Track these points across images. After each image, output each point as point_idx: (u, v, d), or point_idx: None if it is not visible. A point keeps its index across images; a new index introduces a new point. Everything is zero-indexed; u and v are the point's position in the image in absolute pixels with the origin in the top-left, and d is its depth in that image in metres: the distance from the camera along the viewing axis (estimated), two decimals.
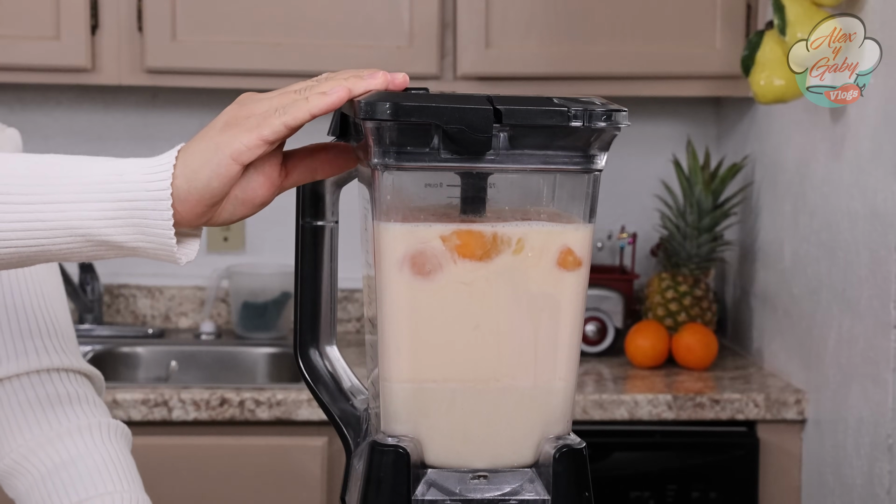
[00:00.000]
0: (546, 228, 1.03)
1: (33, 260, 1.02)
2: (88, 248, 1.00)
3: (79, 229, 0.99)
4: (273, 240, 3.03)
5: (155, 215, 0.97)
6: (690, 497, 2.49)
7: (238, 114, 0.98)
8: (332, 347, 1.17)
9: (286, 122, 0.97)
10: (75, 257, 1.01)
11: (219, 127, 0.98)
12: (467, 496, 1.04)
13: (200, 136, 0.99)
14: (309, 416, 2.41)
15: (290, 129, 0.97)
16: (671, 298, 2.78)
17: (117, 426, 1.37)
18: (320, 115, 0.98)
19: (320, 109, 0.97)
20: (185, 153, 0.98)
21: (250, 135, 0.96)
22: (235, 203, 1.00)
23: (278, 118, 0.97)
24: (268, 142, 0.97)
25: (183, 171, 0.97)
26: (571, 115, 0.99)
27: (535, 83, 2.67)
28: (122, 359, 2.84)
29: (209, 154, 0.97)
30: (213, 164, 0.97)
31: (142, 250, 1.00)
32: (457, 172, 1.01)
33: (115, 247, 1.00)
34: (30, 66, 2.66)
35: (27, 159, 1.01)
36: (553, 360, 1.05)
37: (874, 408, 2.19)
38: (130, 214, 0.98)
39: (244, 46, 2.65)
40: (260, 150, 0.97)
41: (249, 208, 1.01)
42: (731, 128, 3.00)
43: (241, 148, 0.97)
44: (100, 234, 0.99)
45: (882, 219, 2.16)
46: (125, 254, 1.01)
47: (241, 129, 0.97)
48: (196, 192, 0.97)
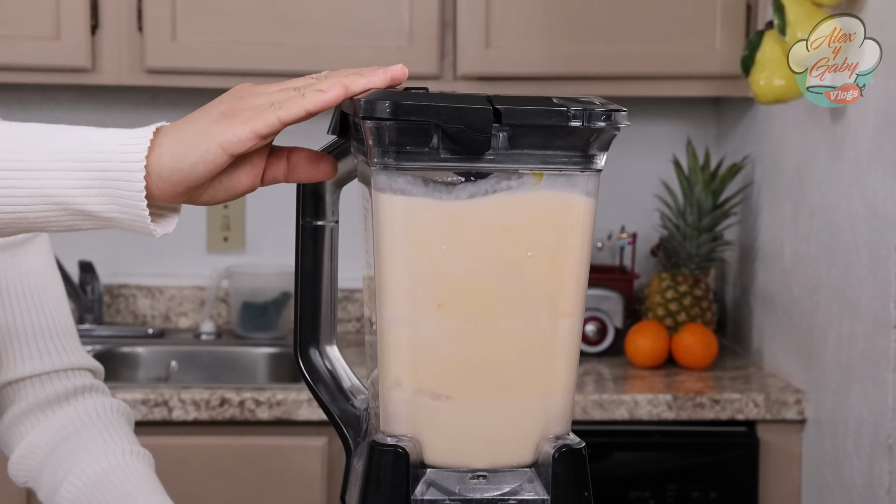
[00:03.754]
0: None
1: (12, 228, 1.03)
2: (66, 217, 1.01)
3: (55, 197, 1.00)
4: (273, 240, 3.03)
5: (128, 186, 0.98)
6: (690, 497, 2.49)
7: (234, 105, 0.99)
8: (333, 347, 1.17)
9: (281, 117, 0.97)
10: (53, 226, 1.02)
11: (214, 115, 0.99)
12: (467, 496, 1.04)
13: (193, 119, 1.00)
14: (309, 416, 2.41)
15: (283, 125, 0.98)
16: (671, 298, 2.78)
17: (119, 404, 1.47)
18: (317, 113, 0.98)
19: (316, 107, 0.98)
20: (172, 135, 0.99)
21: (244, 127, 0.97)
22: (218, 188, 1.01)
23: (273, 113, 0.97)
24: (260, 136, 0.98)
25: (171, 151, 0.98)
26: (571, 114, 0.99)
27: (535, 83, 2.67)
28: (122, 359, 2.84)
29: (200, 140, 0.98)
30: (202, 149, 0.98)
31: (117, 221, 1.01)
32: (456, 172, 1.01)
33: (92, 216, 1.01)
34: (30, 66, 2.66)
35: (6, 128, 1.02)
36: (552, 360, 1.05)
37: (874, 408, 2.20)
38: (105, 184, 0.99)
39: (244, 46, 2.65)
40: (251, 144, 0.98)
41: (231, 195, 1.02)
42: (731, 128, 3.00)
43: (233, 139, 0.97)
44: (76, 203, 1.00)
45: (882, 219, 2.16)
46: (102, 224, 1.02)
47: (236, 121, 0.98)
48: (181, 172, 0.98)
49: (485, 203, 1.02)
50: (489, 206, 1.02)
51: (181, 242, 3.03)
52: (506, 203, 1.02)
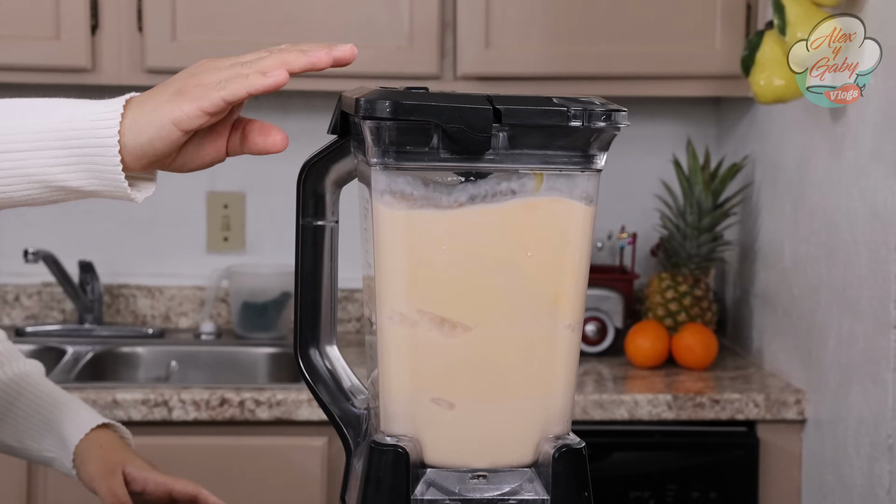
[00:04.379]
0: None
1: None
2: (48, 193, 1.03)
3: (36, 176, 1.02)
4: (273, 240, 3.03)
5: (105, 160, 1.01)
6: (690, 497, 2.49)
7: (187, 82, 1.02)
8: (333, 347, 1.17)
9: (224, 96, 1.00)
10: (38, 202, 1.04)
11: (170, 92, 1.01)
12: (466, 496, 1.04)
13: (154, 94, 1.02)
14: (309, 416, 2.41)
15: (228, 104, 1.00)
16: (671, 298, 2.78)
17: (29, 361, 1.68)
18: (261, 94, 1.00)
19: (257, 90, 1.00)
20: (135, 108, 1.01)
21: (192, 105, 1.00)
22: (187, 158, 1.04)
23: (217, 92, 1.00)
24: (208, 113, 1.00)
25: (130, 127, 1.00)
26: (571, 114, 0.99)
27: (535, 83, 2.67)
28: (122, 359, 2.84)
29: (154, 116, 1.00)
30: (156, 126, 1.00)
31: (98, 193, 1.03)
32: (456, 172, 1.01)
33: (74, 191, 1.03)
34: (30, 66, 2.66)
35: None
36: (552, 360, 1.05)
37: (874, 408, 2.20)
38: (82, 160, 1.01)
39: (244, 46, 2.62)
40: (200, 121, 1.00)
41: (199, 165, 1.05)
42: (731, 128, 3.00)
43: (182, 116, 1.00)
44: (57, 181, 1.02)
45: (882, 219, 2.16)
46: (84, 196, 1.04)
47: (186, 98, 1.00)
48: (139, 148, 1.00)
49: (485, 203, 1.02)
50: (489, 206, 1.02)
51: (181, 242, 3.03)
52: (505, 203, 1.02)
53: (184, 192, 3.01)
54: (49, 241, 2.94)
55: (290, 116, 2.98)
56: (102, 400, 2.38)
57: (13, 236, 2.96)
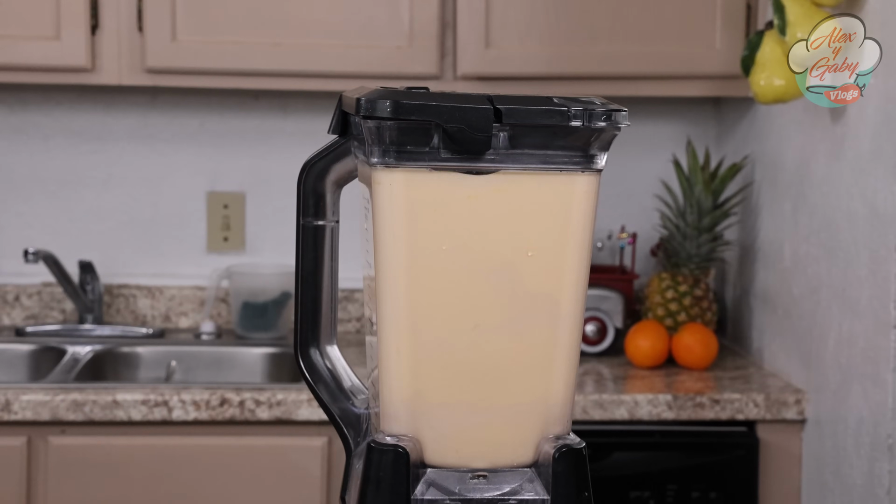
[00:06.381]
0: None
1: None
2: None
3: None
4: (273, 240, 3.03)
5: None
6: (690, 497, 2.49)
7: None
8: (333, 347, 1.17)
9: None
10: None
11: None
12: (467, 496, 1.04)
13: None
14: (309, 416, 2.41)
15: None
16: (671, 298, 2.78)
17: None
18: None
19: None
20: None
21: None
22: None
23: None
24: None
25: None
26: (571, 114, 0.99)
27: (535, 83, 2.67)
28: (122, 359, 2.84)
29: None
30: None
31: None
32: (457, 171, 1.01)
33: None
34: (30, 66, 2.66)
35: None
36: (552, 360, 1.05)
37: (874, 408, 2.20)
38: None
39: (244, 46, 2.65)
40: None
41: None
42: (731, 128, 3.00)
43: None
44: None
45: (882, 219, 2.16)
46: None
47: None
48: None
49: (485, 203, 1.02)
50: (489, 206, 1.02)
51: (181, 242, 3.03)
52: (506, 203, 1.02)
53: (184, 192, 3.01)
54: (49, 241, 2.94)
55: (290, 116, 2.98)
56: (102, 400, 2.38)
57: (13, 236, 2.96)
